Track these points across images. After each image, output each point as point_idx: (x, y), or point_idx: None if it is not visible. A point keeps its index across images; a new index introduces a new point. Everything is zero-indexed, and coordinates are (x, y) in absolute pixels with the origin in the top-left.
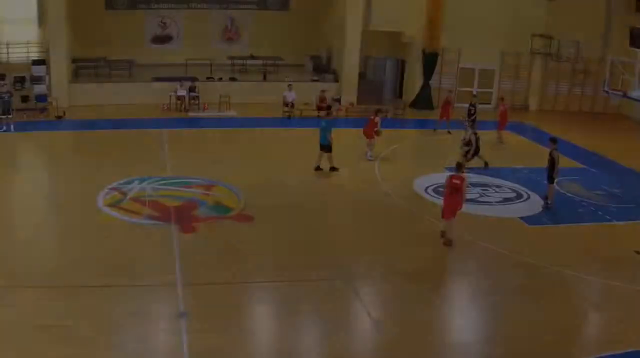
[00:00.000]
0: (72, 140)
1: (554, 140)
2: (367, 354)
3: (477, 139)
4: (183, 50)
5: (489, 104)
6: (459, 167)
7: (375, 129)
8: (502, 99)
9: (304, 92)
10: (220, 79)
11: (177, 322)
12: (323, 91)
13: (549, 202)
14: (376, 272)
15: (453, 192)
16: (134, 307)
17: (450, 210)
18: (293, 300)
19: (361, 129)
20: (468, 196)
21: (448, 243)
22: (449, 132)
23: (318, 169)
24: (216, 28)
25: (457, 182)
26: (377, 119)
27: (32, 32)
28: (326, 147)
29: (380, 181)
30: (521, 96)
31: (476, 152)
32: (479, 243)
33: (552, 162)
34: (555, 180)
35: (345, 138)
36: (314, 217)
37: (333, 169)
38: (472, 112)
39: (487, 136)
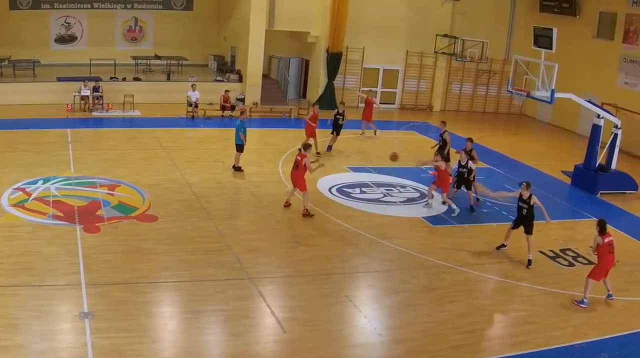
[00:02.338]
0: None
1: (444, 123)
2: (272, 353)
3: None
4: (87, 50)
5: (393, 104)
6: (305, 147)
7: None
8: (371, 90)
9: (208, 92)
10: (124, 78)
11: (81, 322)
12: (227, 91)
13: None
14: (280, 271)
15: (295, 167)
16: (38, 307)
17: (292, 182)
18: (197, 299)
19: (265, 129)
20: (372, 196)
21: (306, 213)
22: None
23: (236, 168)
24: (120, 28)
25: (299, 158)
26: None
27: None
28: (240, 147)
29: (285, 181)
30: (425, 96)
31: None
32: (383, 243)
33: (445, 143)
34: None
35: (250, 139)
36: (218, 217)
37: (237, 168)
38: (340, 122)
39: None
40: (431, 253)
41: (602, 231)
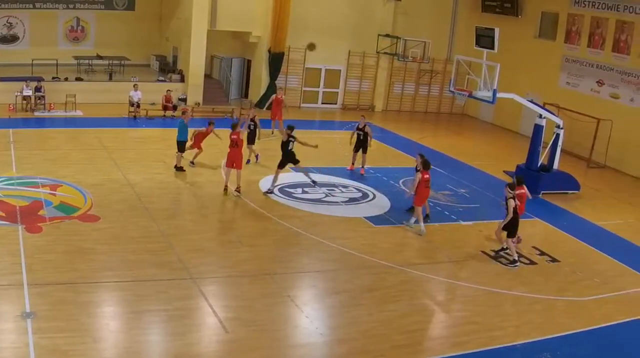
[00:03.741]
0: None
1: (364, 116)
2: (214, 353)
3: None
4: (29, 50)
5: (335, 104)
6: (234, 126)
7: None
8: (281, 88)
9: (150, 92)
10: (66, 78)
11: (23, 322)
12: (169, 91)
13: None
14: (223, 271)
15: (233, 146)
16: None
17: (231, 161)
18: (139, 299)
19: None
20: (314, 196)
21: (238, 190)
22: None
23: (178, 168)
24: (62, 28)
25: (235, 137)
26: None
27: None
28: (181, 146)
29: (228, 180)
30: (367, 96)
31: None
32: (325, 243)
33: (366, 136)
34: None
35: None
36: (161, 217)
37: (179, 168)
38: (252, 128)
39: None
40: (373, 253)
41: (518, 183)
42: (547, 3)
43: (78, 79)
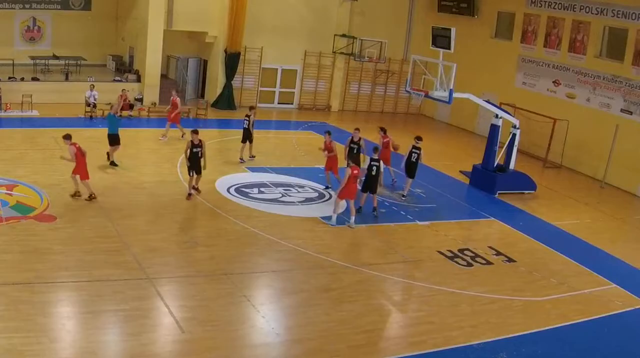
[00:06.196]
0: None
1: (358, 129)
2: (170, 353)
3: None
4: None
5: (291, 104)
6: (66, 137)
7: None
8: (177, 90)
9: (107, 92)
10: (23, 78)
11: None
12: (126, 91)
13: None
14: (179, 271)
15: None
16: None
17: (84, 170)
18: (95, 299)
19: (163, 129)
20: (271, 196)
21: (93, 197)
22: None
23: (111, 162)
24: (18, 28)
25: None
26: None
27: None
28: (110, 139)
29: (183, 181)
30: (324, 96)
31: None
32: (282, 243)
33: (359, 150)
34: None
35: (148, 138)
36: (116, 217)
37: (112, 163)
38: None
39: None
40: (329, 253)
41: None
42: (503, 3)
43: (34, 79)
